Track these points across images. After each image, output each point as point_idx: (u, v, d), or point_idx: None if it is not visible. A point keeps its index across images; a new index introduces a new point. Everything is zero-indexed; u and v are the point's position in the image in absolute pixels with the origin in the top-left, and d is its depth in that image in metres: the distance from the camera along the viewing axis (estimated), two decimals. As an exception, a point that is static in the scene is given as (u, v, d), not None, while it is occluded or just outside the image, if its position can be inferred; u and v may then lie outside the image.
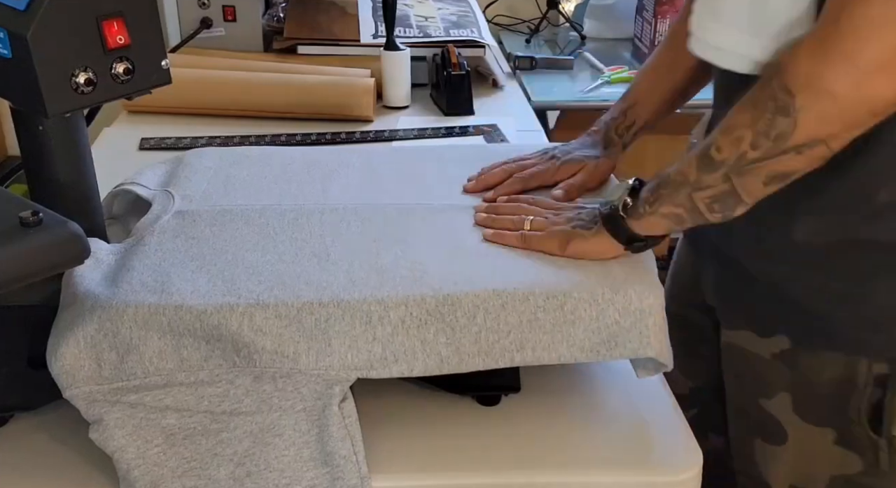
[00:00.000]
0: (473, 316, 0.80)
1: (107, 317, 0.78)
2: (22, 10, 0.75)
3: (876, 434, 0.91)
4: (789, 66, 0.75)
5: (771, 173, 0.78)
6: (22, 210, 0.70)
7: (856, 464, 0.93)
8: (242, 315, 0.77)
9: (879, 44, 0.71)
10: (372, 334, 0.78)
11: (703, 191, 0.81)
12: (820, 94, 0.73)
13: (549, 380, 0.91)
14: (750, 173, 0.78)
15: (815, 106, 0.74)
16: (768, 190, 0.79)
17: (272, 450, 0.78)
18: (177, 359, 0.78)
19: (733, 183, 0.79)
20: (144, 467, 0.77)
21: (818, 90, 0.73)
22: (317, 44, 1.81)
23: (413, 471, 0.81)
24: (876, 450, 0.91)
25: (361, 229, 0.92)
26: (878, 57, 0.71)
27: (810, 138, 0.75)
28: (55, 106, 0.78)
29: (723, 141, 0.79)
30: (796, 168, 0.78)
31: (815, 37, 0.74)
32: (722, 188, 0.80)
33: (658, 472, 0.82)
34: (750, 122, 0.77)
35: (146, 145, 1.48)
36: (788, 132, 0.75)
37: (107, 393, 0.77)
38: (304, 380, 0.77)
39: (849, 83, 0.72)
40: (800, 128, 0.75)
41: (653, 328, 0.81)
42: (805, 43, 0.75)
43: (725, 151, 0.79)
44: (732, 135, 0.78)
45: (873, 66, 0.71)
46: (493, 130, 1.53)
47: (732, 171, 0.79)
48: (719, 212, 0.82)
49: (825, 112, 0.74)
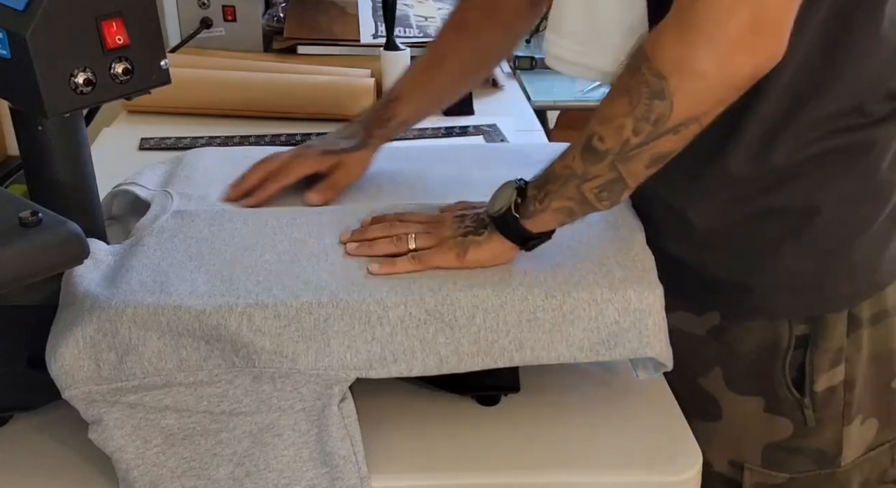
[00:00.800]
0: (472, 315, 0.79)
1: (106, 317, 0.78)
2: (21, 11, 0.75)
3: (800, 393, 0.94)
4: (656, 52, 0.77)
5: (653, 156, 0.80)
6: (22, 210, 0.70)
7: (786, 428, 0.96)
8: (241, 315, 0.77)
9: (736, 21, 0.73)
10: (371, 334, 0.78)
11: (591, 181, 0.82)
12: (690, 75, 0.75)
13: (549, 380, 0.91)
14: (634, 158, 0.80)
15: (687, 86, 0.76)
16: (649, 172, 0.81)
17: (271, 450, 0.78)
18: (176, 359, 0.78)
19: (619, 170, 0.80)
20: (144, 467, 0.77)
21: (688, 71, 0.75)
22: (317, 44, 1.80)
23: (413, 471, 0.81)
24: (802, 410, 0.94)
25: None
26: (735, 34, 0.74)
27: (686, 118, 0.77)
28: (54, 106, 0.78)
29: (604, 130, 0.80)
30: (674, 147, 0.80)
31: (675, 21, 0.76)
32: (609, 176, 0.81)
33: (658, 472, 0.82)
34: (628, 109, 0.78)
35: (146, 145, 1.48)
36: (667, 114, 0.77)
37: (106, 393, 0.77)
38: (303, 380, 0.77)
39: (713, 62, 0.74)
40: (676, 109, 0.76)
41: (652, 328, 0.81)
42: (667, 28, 0.77)
43: (609, 140, 0.80)
44: (613, 123, 0.79)
45: (733, 44, 0.74)
46: (492, 130, 1.53)
47: (618, 159, 0.80)
48: (607, 199, 0.83)
49: (697, 91, 0.76)
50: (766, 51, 0.75)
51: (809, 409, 0.94)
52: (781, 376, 0.94)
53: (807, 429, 0.95)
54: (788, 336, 0.93)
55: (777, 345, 0.94)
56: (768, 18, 0.74)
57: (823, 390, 0.93)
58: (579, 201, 0.83)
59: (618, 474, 0.82)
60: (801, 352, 0.93)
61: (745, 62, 0.75)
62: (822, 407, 0.94)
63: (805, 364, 0.93)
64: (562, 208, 0.84)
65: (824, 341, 0.92)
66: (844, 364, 0.93)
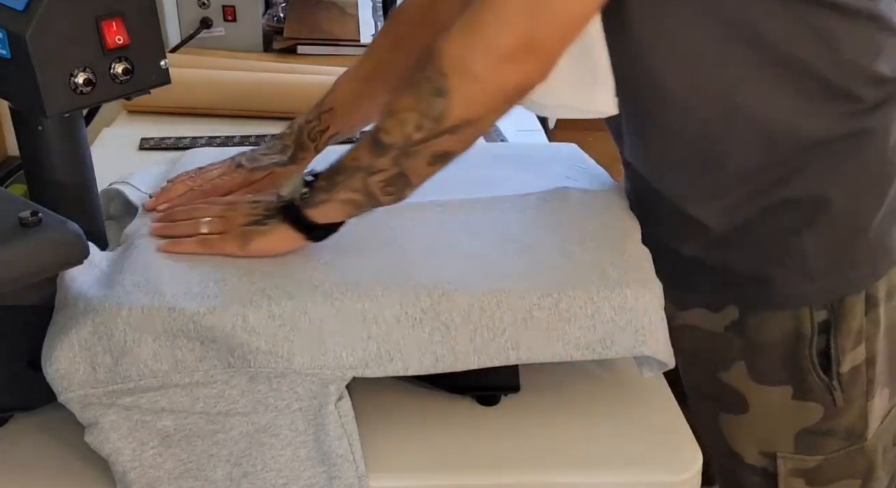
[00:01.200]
0: (468, 314, 0.79)
1: (100, 320, 0.77)
2: (21, 11, 0.75)
3: (828, 377, 0.95)
4: (442, 48, 0.78)
5: (433, 154, 0.80)
6: (22, 210, 0.70)
7: (816, 413, 0.96)
8: (236, 316, 0.77)
9: (513, 33, 0.75)
10: (367, 333, 0.78)
11: (377, 175, 0.82)
12: (467, 77, 0.77)
13: (549, 380, 0.91)
14: (415, 155, 0.80)
15: (464, 87, 0.77)
16: (432, 170, 0.82)
17: (269, 450, 0.78)
18: (171, 360, 0.77)
19: (402, 165, 0.81)
20: (140, 469, 0.77)
21: (465, 72, 0.77)
22: (317, 44, 1.81)
23: (413, 471, 0.81)
24: (831, 392, 0.95)
25: (351, 230, 0.92)
26: (510, 45, 0.76)
27: (462, 119, 0.78)
28: (54, 106, 0.78)
29: (389, 124, 0.81)
30: (454, 149, 0.81)
31: (463, 21, 0.78)
32: (393, 171, 0.81)
33: (658, 472, 0.82)
34: (412, 104, 0.79)
35: (146, 145, 1.47)
36: (445, 113, 0.78)
37: (102, 396, 0.77)
38: (299, 380, 0.77)
39: (488, 67, 0.76)
40: (453, 108, 0.77)
41: (648, 326, 0.81)
42: (456, 27, 0.78)
43: (393, 134, 0.80)
44: (397, 118, 0.80)
45: (507, 54, 0.76)
46: (492, 130, 1.52)
47: (401, 154, 0.80)
48: (391, 194, 0.83)
49: (472, 94, 0.78)
50: (533, 68, 0.77)
51: (838, 391, 0.95)
52: (809, 363, 0.95)
53: (836, 410, 0.96)
54: (811, 322, 0.93)
55: (800, 333, 0.94)
56: (542, 39, 0.76)
57: (849, 370, 0.94)
58: (365, 194, 0.84)
59: (618, 474, 0.82)
60: (824, 336, 0.94)
61: (514, 73, 0.77)
62: (849, 386, 0.95)
63: (829, 348, 0.94)
64: (348, 200, 0.84)
65: (845, 323, 0.93)
66: (865, 343, 0.94)
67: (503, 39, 0.75)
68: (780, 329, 0.95)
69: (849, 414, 0.97)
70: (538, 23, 0.75)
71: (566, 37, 0.77)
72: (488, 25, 0.76)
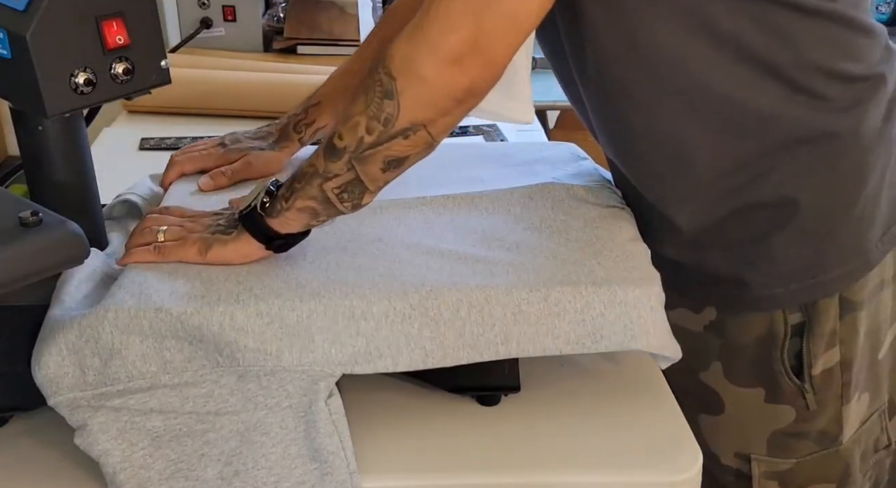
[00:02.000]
0: (457, 310, 0.80)
1: (87, 322, 0.77)
2: (21, 11, 0.75)
3: (800, 379, 0.95)
4: (391, 50, 0.77)
5: (386, 158, 0.79)
6: (22, 210, 0.70)
7: (788, 415, 0.97)
8: (223, 315, 0.77)
9: (457, 35, 0.75)
10: (355, 329, 0.78)
11: (332, 180, 0.81)
12: (414, 77, 0.76)
13: (549, 380, 0.91)
14: (368, 159, 0.80)
15: (411, 89, 0.76)
16: (388, 176, 0.81)
17: (259, 448, 0.78)
18: (160, 361, 0.77)
19: (357, 170, 0.80)
20: (131, 470, 0.77)
21: (412, 73, 0.76)
22: (317, 44, 1.81)
23: (414, 471, 0.81)
24: (803, 395, 0.95)
25: (336, 228, 0.92)
26: (455, 47, 0.75)
27: (412, 122, 0.77)
28: (55, 106, 0.78)
29: (342, 128, 0.80)
30: (407, 153, 0.80)
31: (412, 24, 0.77)
32: (347, 176, 0.81)
33: (658, 472, 0.82)
34: (363, 107, 0.78)
35: (146, 145, 1.48)
36: (394, 115, 0.77)
37: (90, 398, 0.77)
38: (288, 377, 0.77)
39: (434, 69, 0.75)
40: (402, 111, 0.77)
41: (638, 321, 0.82)
42: (405, 30, 0.77)
43: (346, 138, 0.80)
44: (350, 121, 0.79)
45: (450, 56, 0.75)
46: (492, 130, 1.53)
47: (354, 158, 0.80)
48: (349, 201, 0.82)
49: (420, 96, 0.77)
50: (478, 71, 0.76)
51: (810, 393, 0.95)
52: (780, 365, 0.95)
53: (808, 413, 0.96)
54: (784, 325, 0.94)
55: (774, 335, 0.95)
56: (486, 43, 0.75)
57: (821, 373, 0.94)
58: (321, 201, 0.83)
59: (618, 474, 0.82)
60: (797, 339, 0.94)
61: (459, 76, 0.76)
62: (822, 389, 0.95)
63: (802, 351, 0.94)
64: (305, 208, 0.83)
65: (818, 325, 0.93)
66: (840, 346, 0.94)
67: (449, 42, 0.75)
68: (754, 330, 0.95)
69: (822, 418, 0.96)
70: (482, 25, 0.74)
71: (512, 39, 0.77)
72: (433, 27, 0.75)
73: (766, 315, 0.95)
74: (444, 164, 1.08)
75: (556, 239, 0.90)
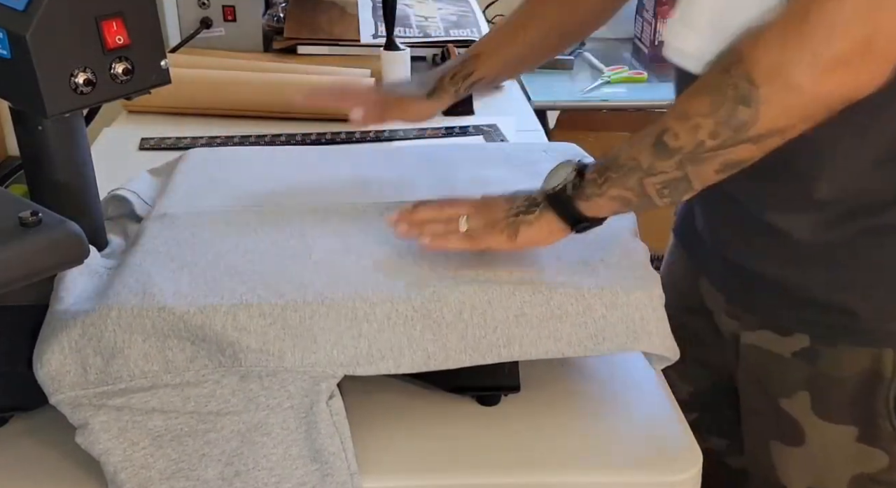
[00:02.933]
0: (460, 312, 0.80)
1: (90, 321, 0.77)
2: (21, 11, 0.75)
3: None
4: (753, 54, 0.73)
5: (726, 161, 0.76)
6: (22, 210, 0.70)
7: (880, 461, 0.92)
8: (226, 315, 0.77)
9: (848, 39, 0.70)
10: (358, 330, 0.78)
11: (655, 177, 0.79)
12: (784, 87, 0.72)
13: (550, 380, 0.91)
14: (705, 161, 0.77)
15: (779, 98, 0.72)
16: (718, 177, 0.78)
17: (260, 449, 0.78)
18: (162, 360, 0.77)
19: (687, 170, 0.77)
20: (132, 469, 0.77)
21: (783, 82, 0.72)
22: (317, 44, 1.81)
23: (414, 472, 0.81)
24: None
25: (343, 229, 0.92)
26: (844, 52, 0.70)
27: (770, 129, 0.74)
28: (54, 106, 0.78)
29: (679, 128, 0.77)
30: (750, 157, 0.77)
31: (782, 26, 0.73)
32: (674, 175, 0.78)
33: (658, 472, 0.82)
34: (709, 110, 0.75)
35: (146, 145, 1.48)
36: (750, 122, 0.73)
37: (92, 397, 0.77)
38: (290, 378, 0.77)
39: (812, 78, 0.71)
40: (762, 119, 0.73)
41: (640, 322, 0.81)
42: (770, 33, 0.73)
43: (682, 138, 0.76)
44: (689, 122, 0.76)
45: (837, 63, 0.71)
46: (492, 130, 1.53)
47: (688, 159, 0.77)
48: (668, 197, 0.80)
49: (788, 104, 0.73)
50: (869, 75, 0.72)
51: None
52: (883, 407, 0.89)
53: None
54: (893, 365, 0.88)
55: (879, 373, 0.89)
56: (882, 42, 0.70)
57: None
58: (639, 194, 0.80)
59: (618, 474, 0.82)
60: None
61: (845, 83, 0.71)
62: None
63: None
64: (619, 197, 0.81)
65: None
66: None
67: (835, 47, 0.70)
68: (856, 366, 0.89)
69: None
70: (878, 25, 0.69)
71: None
72: (815, 32, 0.70)
73: (871, 350, 0.88)
74: (448, 165, 1.08)
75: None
